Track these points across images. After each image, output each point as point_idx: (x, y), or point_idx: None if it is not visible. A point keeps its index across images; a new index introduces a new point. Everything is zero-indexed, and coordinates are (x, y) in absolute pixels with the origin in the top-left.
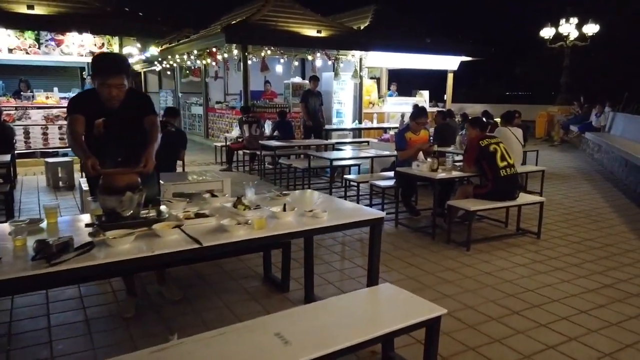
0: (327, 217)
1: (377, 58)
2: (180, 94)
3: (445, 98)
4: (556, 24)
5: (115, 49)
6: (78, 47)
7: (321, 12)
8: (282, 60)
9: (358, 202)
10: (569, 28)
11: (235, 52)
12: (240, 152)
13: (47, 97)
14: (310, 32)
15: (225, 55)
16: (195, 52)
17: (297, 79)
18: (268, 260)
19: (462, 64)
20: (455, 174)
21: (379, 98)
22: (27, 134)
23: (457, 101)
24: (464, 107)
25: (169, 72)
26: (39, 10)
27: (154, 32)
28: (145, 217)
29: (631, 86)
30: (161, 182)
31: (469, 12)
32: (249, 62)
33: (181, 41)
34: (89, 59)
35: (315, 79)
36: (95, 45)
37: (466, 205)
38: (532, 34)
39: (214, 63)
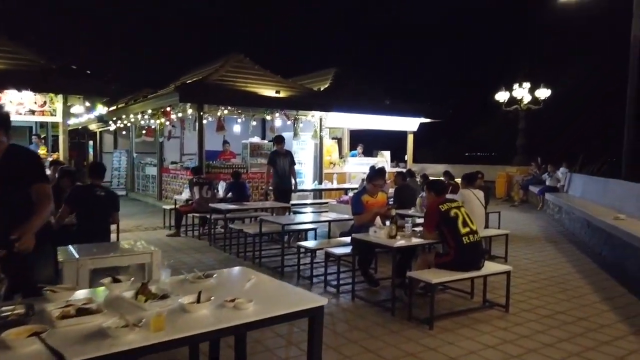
0: (253, 307)
1: (337, 119)
2: (135, 154)
3: (406, 158)
4: (510, 88)
5: (59, 107)
6: (17, 105)
7: (282, 74)
8: (239, 120)
9: (312, 272)
10: (522, 92)
11: (190, 111)
12: (191, 215)
13: None
14: (269, 92)
15: (180, 114)
16: (150, 111)
17: (256, 139)
18: None
19: (424, 125)
20: (415, 241)
21: (340, 158)
22: None
23: (420, 161)
24: (426, 167)
25: (124, 132)
26: None
27: (102, 91)
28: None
29: (589, 147)
30: (64, 258)
31: (429, 76)
32: (205, 121)
33: (137, 100)
34: (35, 118)
35: (279, 140)
36: (36, 103)
37: (427, 277)
38: (489, 97)
39: (167, 122)
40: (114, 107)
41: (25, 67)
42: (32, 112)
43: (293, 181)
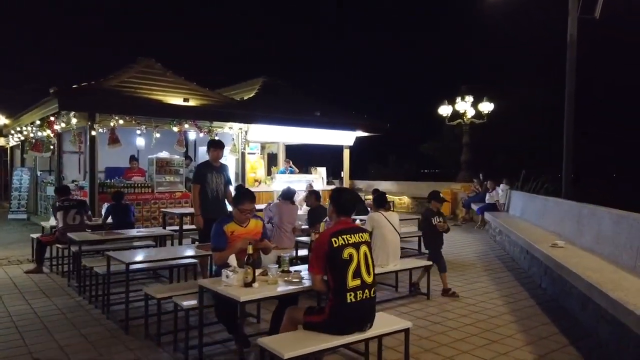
0: None
1: (264, 132)
2: (38, 172)
3: (342, 175)
4: (453, 102)
5: None
6: None
7: (210, 86)
8: (138, 132)
9: (159, 328)
10: (465, 106)
11: (74, 121)
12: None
13: None
14: (176, 99)
15: (62, 124)
16: (38, 122)
17: (164, 154)
18: None
19: (372, 140)
20: (289, 287)
21: (268, 175)
22: None
23: (368, 178)
24: (373, 184)
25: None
26: None
27: None
28: None
29: (533, 163)
30: None
31: (369, 88)
32: (95, 133)
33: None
34: None
35: (216, 146)
36: None
37: (278, 348)
38: (433, 111)
39: (52, 134)
40: (13, 119)
41: None
42: None
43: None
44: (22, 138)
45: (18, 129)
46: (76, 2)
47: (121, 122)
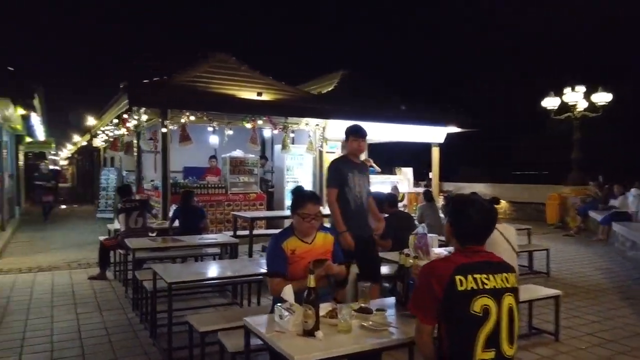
0: None
1: (341, 128)
2: (124, 172)
3: (430, 176)
4: (560, 93)
5: None
6: None
7: (290, 81)
8: (209, 129)
9: None
10: (575, 97)
11: (144, 117)
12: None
13: None
14: (249, 94)
15: (134, 121)
16: (115, 120)
17: (238, 152)
18: None
19: (463, 138)
20: (370, 341)
21: None
22: None
23: (457, 180)
24: (462, 187)
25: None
26: None
27: (26, 91)
28: None
29: None
30: None
31: (458, 79)
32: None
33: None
34: None
35: (357, 133)
36: None
37: None
38: (534, 105)
39: (126, 132)
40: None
41: None
42: None
43: (373, 223)
44: (105, 137)
45: (102, 128)
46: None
47: (192, 118)
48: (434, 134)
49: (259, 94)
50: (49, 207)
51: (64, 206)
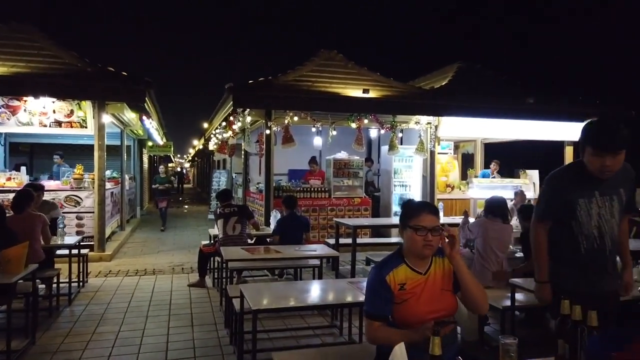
0: None
1: (455, 126)
2: (234, 175)
3: None
4: None
5: (89, 116)
6: (40, 116)
7: (399, 78)
8: (313, 129)
9: None
10: None
11: (249, 119)
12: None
13: (8, 178)
14: (354, 92)
15: (239, 123)
16: (223, 122)
17: (342, 154)
18: None
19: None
20: None
21: (463, 180)
22: None
23: None
24: None
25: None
26: None
27: (139, 96)
28: None
29: None
30: None
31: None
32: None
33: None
34: (62, 130)
35: (607, 133)
36: (61, 112)
37: None
38: None
39: (232, 135)
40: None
41: (53, 69)
42: (59, 123)
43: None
44: (216, 140)
45: (213, 131)
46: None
47: (296, 119)
48: (568, 131)
49: (365, 90)
50: (163, 212)
51: (186, 207)
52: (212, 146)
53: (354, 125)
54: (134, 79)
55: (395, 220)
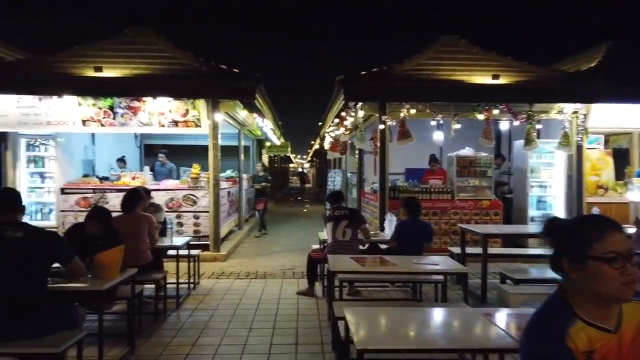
0: None
1: (609, 116)
2: (348, 174)
3: None
4: None
5: (203, 115)
6: (158, 116)
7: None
8: (433, 123)
9: None
10: None
11: (361, 114)
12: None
13: (133, 178)
14: (482, 79)
15: (351, 119)
16: (336, 120)
17: (467, 151)
18: None
19: None
20: None
21: (620, 180)
22: None
23: None
24: None
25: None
26: (108, 73)
27: (246, 91)
28: None
29: None
30: None
31: None
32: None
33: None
34: (178, 130)
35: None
36: (177, 112)
37: None
38: None
39: (344, 131)
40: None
41: (169, 70)
42: (175, 122)
43: None
44: (329, 139)
45: (327, 130)
46: None
47: (413, 111)
48: None
49: (495, 76)
50: (260, 215)
51: (307, 207)
52: (326, 145)
53: (481, 116)
54: (244, 75)
55: (534, 227)
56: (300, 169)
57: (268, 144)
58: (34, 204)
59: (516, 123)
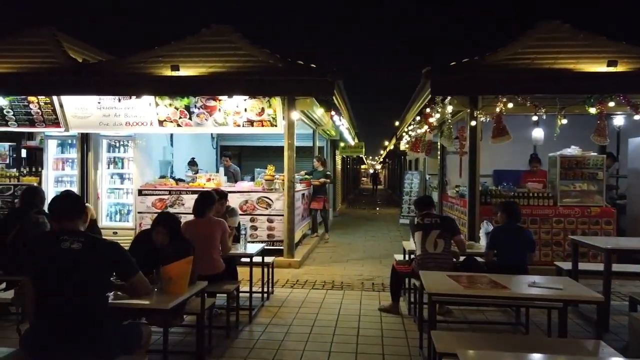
0: None
1: None
2: (427, 176)
3: None
4: None
5: (279, 114)
6: (234, 116)
7: None
8: (535, 118)
9: None
10: None
11: (450, 109)
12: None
13: (208, 179)
14: (594, 66)
15: (437, 115)
16: (418, 118)
17: (572, 150)
18: None
19: None
20: None
21: None
22: None
23: None
24: None
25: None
26: (184, 72)
27: (324, 87)
28: None
29: None
30: None
31: None
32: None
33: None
34: (254, 130)
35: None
36: (253, 111)
37: None
38: None
39: (428, 130)
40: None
41: (246, 67)
42: (251, 122)
43: None
44: (408, 138)
45: (405, 129)
46: None
47: (510, 105)
48: None
49: (612, 62)
50: (315, 216)
51: (380, 209)
52: (403, 145)
53: (592, 110)
54: (322, 71)
55: None
56: (371, 171)
57: (342, 144)
58: (113, 205)
59: (637, 117)
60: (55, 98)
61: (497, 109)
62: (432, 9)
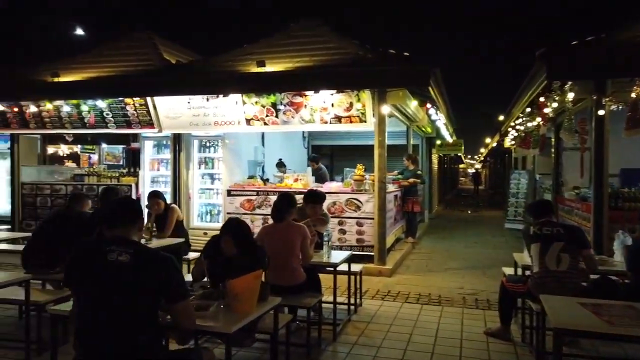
0: None
1: None
2: (537, 176)
3: None
4: None
5: (368, 110)
6: (320, 112)
7: None
8: None
9: None
10: None
11: (571, 95)
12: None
13: (295, 180)
14: None
15: (554, 104)
16: (528, 108)
17: None
18: None
19: None
20: None
21: None
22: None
23: None
24: None
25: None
26: (270, 68)
27: (418, 77)
28: None
29: None
30: None
31: None
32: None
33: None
34: (342, 127)
35: None
36: (340, 106)
37: None
38: None
39: (542, 122)
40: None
41: (334, 60)
42: (338, 118)
43: None
44: (515, 134)
45: (512, 123)
46: None
47: None
48: None
49: None
50: (408, 219)
51: (482, 212)
52: (508, 142)
53: None
54: (416, 59)
55: None
56: (470, 170)
57: (438, 142)
58: (204, 205)
59: None
60: (149, 99)
61: (633, 94)
62: None
